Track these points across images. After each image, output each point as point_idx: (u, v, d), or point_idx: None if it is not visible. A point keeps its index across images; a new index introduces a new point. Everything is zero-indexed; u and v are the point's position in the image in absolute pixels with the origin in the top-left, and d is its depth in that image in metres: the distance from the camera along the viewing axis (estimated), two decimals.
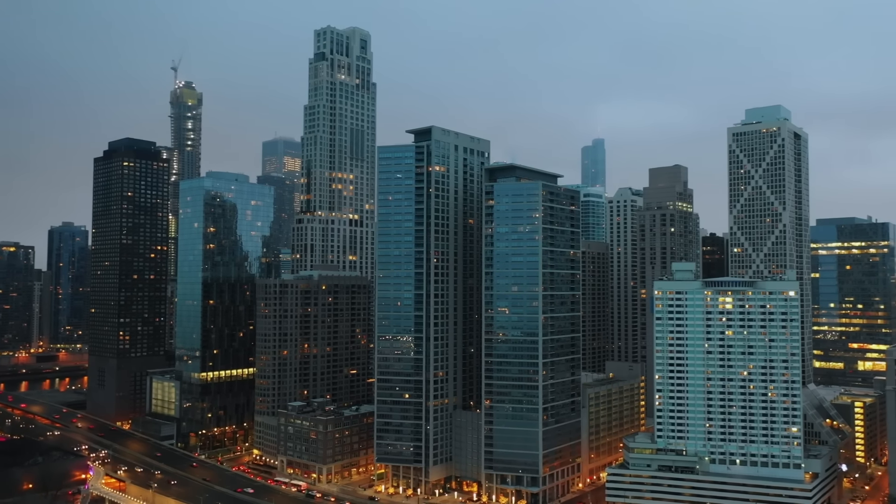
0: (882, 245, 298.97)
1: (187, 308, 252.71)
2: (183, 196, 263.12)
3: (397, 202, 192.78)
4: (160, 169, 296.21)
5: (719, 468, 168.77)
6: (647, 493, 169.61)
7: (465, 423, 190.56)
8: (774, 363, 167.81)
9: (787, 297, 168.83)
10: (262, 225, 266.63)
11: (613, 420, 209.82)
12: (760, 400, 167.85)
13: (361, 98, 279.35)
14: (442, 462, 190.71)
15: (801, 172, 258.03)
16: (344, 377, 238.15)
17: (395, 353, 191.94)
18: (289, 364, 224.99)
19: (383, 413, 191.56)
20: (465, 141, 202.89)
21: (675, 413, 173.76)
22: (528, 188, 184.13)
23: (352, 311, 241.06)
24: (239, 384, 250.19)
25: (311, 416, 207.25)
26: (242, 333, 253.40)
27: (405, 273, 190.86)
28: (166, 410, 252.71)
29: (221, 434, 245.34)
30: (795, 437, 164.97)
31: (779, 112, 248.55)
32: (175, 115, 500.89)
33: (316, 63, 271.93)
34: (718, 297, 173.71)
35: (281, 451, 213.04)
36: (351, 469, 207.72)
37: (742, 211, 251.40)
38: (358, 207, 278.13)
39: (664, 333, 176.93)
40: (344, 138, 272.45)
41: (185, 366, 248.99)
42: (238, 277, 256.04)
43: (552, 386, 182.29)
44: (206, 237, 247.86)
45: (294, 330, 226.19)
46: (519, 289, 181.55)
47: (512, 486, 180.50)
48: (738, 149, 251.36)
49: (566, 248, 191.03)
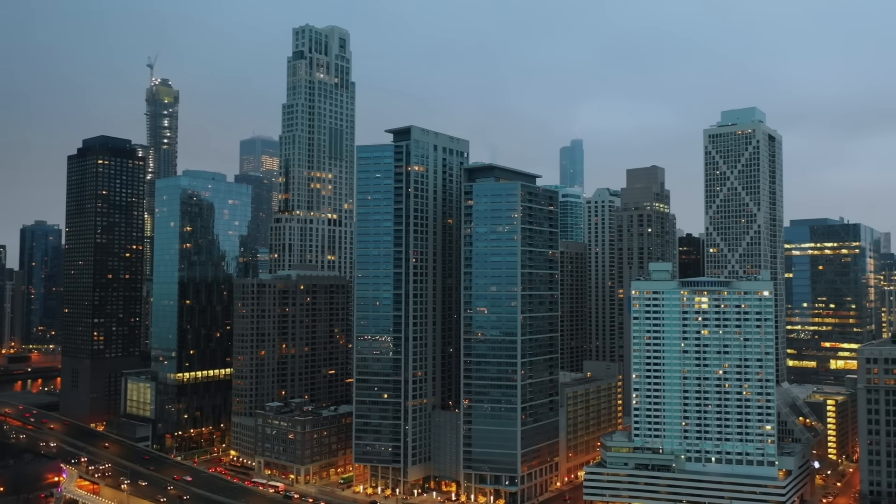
0: (853, 246, 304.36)
1: (163, 308, 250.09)
2: (159, 195, 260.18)
3: (376, 202, 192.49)
4: (135, 167, 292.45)
5: (695, 466, 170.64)
6: (624, 492, 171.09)
7: (444, 423, 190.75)
8: (749, 362, 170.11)
9: (762, 296, 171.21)
10: (240, 224, 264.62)
11: (591, 419, 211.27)
12: (735, 398, 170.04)
13: (340, 97, 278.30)
14: (420, 462, 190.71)
15: (775, 174, 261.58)
16: (322, 377, 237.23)
17: (373, 353, 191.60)
18: (266, 364, 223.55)
19: (362, 413, 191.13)
20: (444, 141, 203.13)
21: (651, 412, 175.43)
22: (506, 188, 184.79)
23: (330, 311, 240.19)
24: (216, 385, 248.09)
25: (288, 417, 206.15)
26: (219, 334, 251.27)
27: (384, 273, 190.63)
28: (141, 412, 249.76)
29: (198, 435, 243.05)
30: (769, 434, 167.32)
31: (753, 114, 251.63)
32: (151, 113, 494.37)
33: (294, 62, 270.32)
34: (694, 296, 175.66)
35: (258, 452, 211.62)
36: (329, 469, 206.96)
37: (718, 212, 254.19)
38: (337, 207, 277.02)
39: (641, 333, 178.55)
40: (323, 137, 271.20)
41: (161, 366, 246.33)
42: (215, 277, 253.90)
43: (531, 385, 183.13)
44: (182, 236, 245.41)
45: (272, 330, 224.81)
46: (498, 289, 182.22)
47: (490, 485, 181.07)
48: (714, 150, 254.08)
49: (545, 248, 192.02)
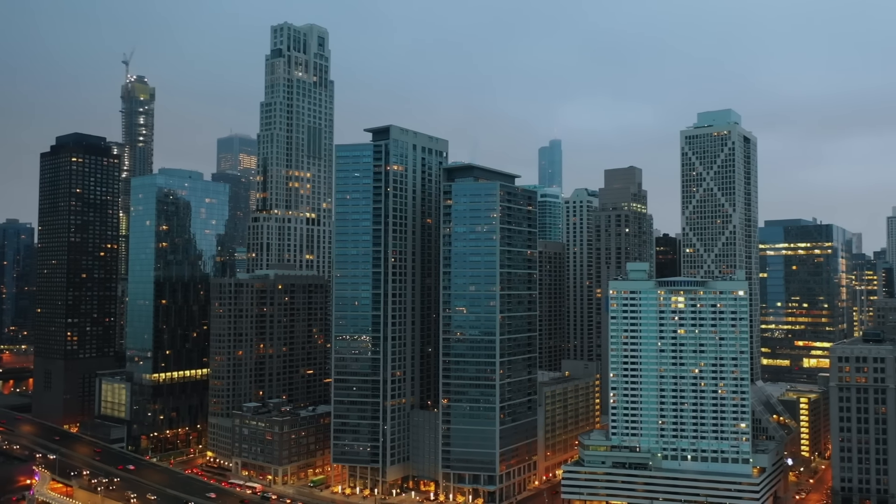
0: (826, 246, 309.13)
1: (139, 308, 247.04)
2: (134, 193, 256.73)
3: (355, 201, 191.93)
4: (110, 165, 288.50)
5: (671, 464, 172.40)
6: (602, 490, 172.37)
7: (423, 423, 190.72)
8: (724, 361, 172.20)
9: (737, 296, 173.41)
10: (217, 223, 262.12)
11: (569, 418, 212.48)
12: (711, 397, 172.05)
13: (319, 96, 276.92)
14: (399, 462, 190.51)
15: (750, 175, 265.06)
16: (300, 377, 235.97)
17: (352, 353, 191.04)
18: (244, 364, 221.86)
19: (340, 413, 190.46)
20: (423, 140, 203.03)
21: (629, 410, 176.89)
22: (485, 188, 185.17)
23: (308, 311, 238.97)
24: (192, 385, 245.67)
25: (266, 417, 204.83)
26: (196, 334, 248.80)
27: (363, 272, 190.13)
28: (116, 413, 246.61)
29: (174, 436, 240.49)
30: (744, 432, 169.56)
31: (729, 116, 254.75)
32: (126, 110, 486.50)
33: (272, 59, 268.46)
34: (671, 296, 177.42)
35: (235, 452, 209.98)
36: (307, 470, 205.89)
37: (694, 212, 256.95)
38: (315, 206, 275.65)
39: (619, 332, 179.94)
40: (301, 136, 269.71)
41: (137, 367, 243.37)
42: (192, 276, 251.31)
43: (509, 385, 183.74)
44: (158, 235, 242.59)
45: (249, 330, 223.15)
46: (476, 288, 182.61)
47: (469, 484, 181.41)
48: (691, 151, 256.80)
49: (523, 247, 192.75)
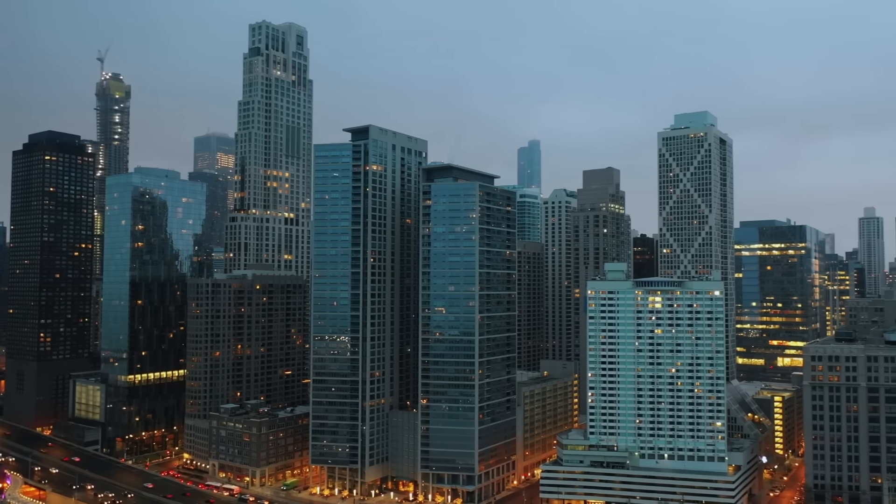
0: (800, 247, 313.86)
1: (114, 308, 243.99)
2: (109, 192, 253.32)
3: (334, 201, 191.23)
4: (85, 164, 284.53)
5: (648, 463, 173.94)
6: (580, 489, 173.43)
7: (402, 423, 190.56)
8: (700, 360, 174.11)
9: (713, 296, 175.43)
10: (194, 223, 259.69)
11: (548, 417, 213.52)
12: (687, 396, 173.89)
13: (298, 95, 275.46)
14: (378, 462, 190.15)
15: (725, 176, 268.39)
16: (278, 378, 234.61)
17: (330, 354, 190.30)
18: (221, 365, 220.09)
19: (319, 414, 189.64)
20: (402, 140, 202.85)
21: (606, 410, 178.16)
22: (465, 189, 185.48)
23: (287, 311, 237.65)
24: (168, 386, 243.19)
25: (244, 419, 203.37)
26: (172, 334, 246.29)
27: (341, 273, 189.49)
28: (91, 415, 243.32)
29: (150, 438, 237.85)
30: (720, 431, 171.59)
31: (705, 118, 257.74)
32: (101, 108, 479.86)
33: (250, 58, 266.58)
34: (648, 296, 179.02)
35: (213, 454, 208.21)
36: (286, 471, 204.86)
37: (671, 213, 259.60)
38: (294, 206, 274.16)
39: (597, 332, 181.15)
40: (279, 135, 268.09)
41: (112, 368, 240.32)
42: (168, 277, 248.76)
43: (488, 385, 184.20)
44: (134, 235, 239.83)
45: (227, 330, 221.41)
46: (456, 288, 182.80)
47: (448, 484, 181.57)
48: (668, 153, 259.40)
49: (502, 248, 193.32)
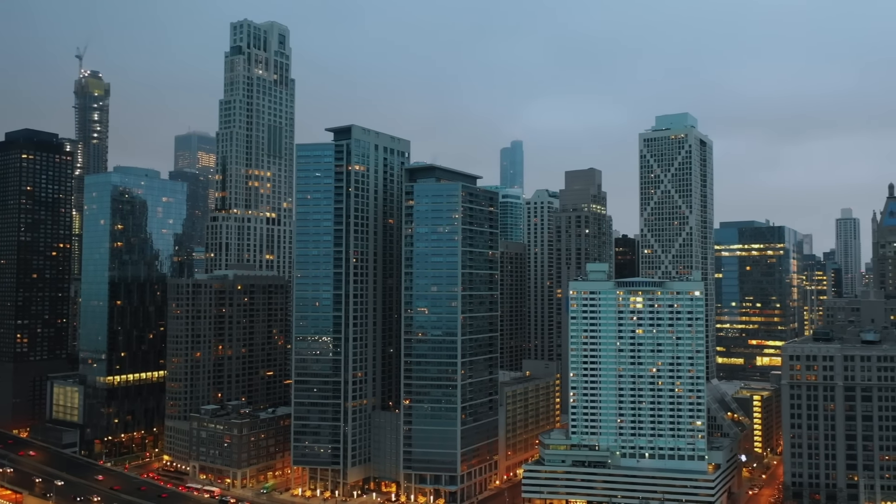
0: (778, 247, 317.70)
1: (92, 309, 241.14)
2: (88, 191, 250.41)
3: (316, 201, 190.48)
4: (63, 162, 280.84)
5: (629, 462, 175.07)
6: (562, 489, 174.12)
7: (384, 424, 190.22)
8: (681, 360, 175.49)
9: (693, 296, 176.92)
10: (174, 222, 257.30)
11: (530, 417, 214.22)
12: (668, 395, 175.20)
13: (279, 94, 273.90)
14: (360, 463, 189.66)
15: (706, 177, 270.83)
16: (260, 379, 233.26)
17: (312, 354, 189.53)
18: (202, 366, 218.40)
19: (300, 415, 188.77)
20: (385, 140, 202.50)
21: (588, 409, 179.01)
22: (447, 189, 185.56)
23: (268, 312, 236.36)
24: (148, 388, 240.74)
25: (225, 420, 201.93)
26: (152, 335, 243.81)
27: (324, 273, 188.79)
28: (69, 417, 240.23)
29: (129, 440, 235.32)
30: (700, 430, 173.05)
31: (686, 119, 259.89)
32: (80, 106, 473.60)
33: (232, 57, 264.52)
34: (630, 296, 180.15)
35: (193, 456, 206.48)
36: (267, 473, 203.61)
37: (652, 214, 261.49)
38: (275, 206, 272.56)
39: (578, 332, 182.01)
40: (261, 135, 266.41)
41: (90, 369, 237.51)
42: (148, 277, 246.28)
43: (470, 385, 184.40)
44: (113, 235, 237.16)
45: (207, 331, 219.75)
46: (438, 289, 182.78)
47: (430, 485, 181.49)
48: (649, 154, 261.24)
49: (485, 248, 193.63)
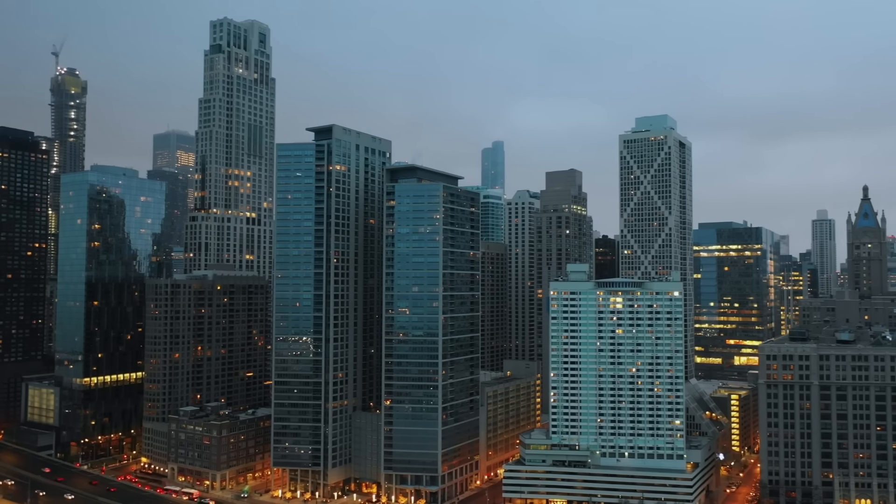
0: (756, 248, 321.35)
1: (69, 309, 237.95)
2: (64, 190, 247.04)
3: (297, 201, 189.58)
4: (38, 161, 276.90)
5: (609, 461, 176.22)
6: (542, 488, 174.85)
7: (365, 425, 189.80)
8: (660, 360, 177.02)
9: (672, 297, 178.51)
10: (153, 222, 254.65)
11: (511, 417, 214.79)
12: (647, 395, 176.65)
13: (260, 93, 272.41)
14: (341, 464, 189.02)
15: (685, 179, 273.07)
16: (240, 380, 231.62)
17: (293, 355, 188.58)
18: (181, 367, 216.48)
19: (281, 416, 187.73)
20: (366, 140, 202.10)
21: (568, 409, 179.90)
22: (429, 189, 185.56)
23: (248, 313, 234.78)
24: (126, 389, 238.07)
25: (204, 421, 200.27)
26: (130, 336, 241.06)
27: (304, 273, 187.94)
28: (44, 419, 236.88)
29: (106, 442, 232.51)
30: (678, 429, 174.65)
31: (665, 121, 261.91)
32: (56, 104, 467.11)
33: (212, 55, 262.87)
34: (610, 297, 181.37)
35: (172, 458, 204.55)
36: (247, 474, 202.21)
37: (632, 215, 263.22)
38: (255, 205, 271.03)
39: (559, 332, 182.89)
40: (241, 134, 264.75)
41: (66, 371, 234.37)
42: (126, 277, 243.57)
43: (452, 385, 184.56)
44: (90, 234, 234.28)
45: (186, 332, 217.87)
46: (419, 289, 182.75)
47: (411, 485, 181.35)
48: (629, 155, 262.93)
49: (466, 248, 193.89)
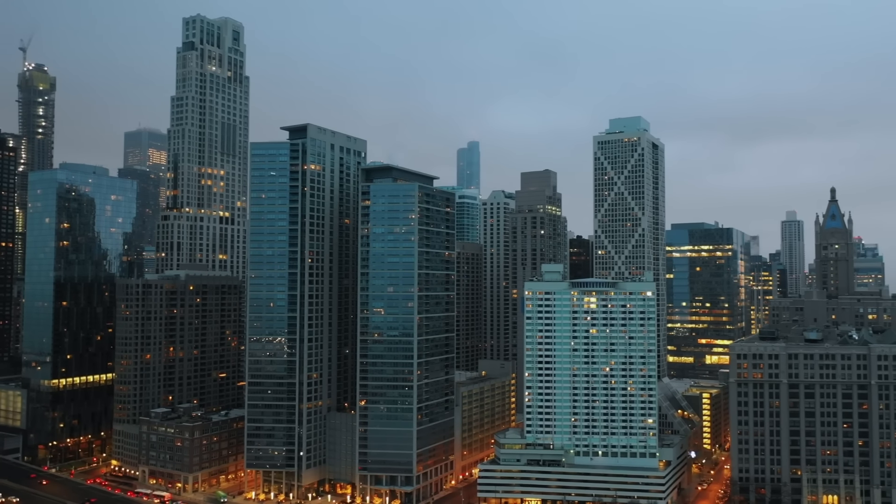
0: (727, 248, 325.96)
1: (37, 310, 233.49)
2: (32, 188, 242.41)
3: (271, 200, 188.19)
4: (6, 158, 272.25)
5: (583, 460, 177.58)
6: (517, 487, 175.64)
7: (340, 425, 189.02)
8: (633, 359, 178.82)
9: (645, 297, 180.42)
10: (124, 221, 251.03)
11: (486, 417, 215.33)
12: (621, 394, 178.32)
13: (233, 91, 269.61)
14: (315, 465, 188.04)
15: (658, 180, 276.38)
16: (213, 381, 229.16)
17: (267, 355, 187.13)
18: (152, 368, 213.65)
19: (254, 417, 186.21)
20: (341, 140, 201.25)
21: (543, 408, 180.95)
22: (404, 189, 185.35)
23: (221, 313, 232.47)
24: (95, 391, 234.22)
25: (175, 423, 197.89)
26: (100, 337, 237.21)
27: (278, 273, 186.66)
28: (11, 421, 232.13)
29: (75, 445, 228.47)
30: (651, 427, 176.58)
31: (639, 123, 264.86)
32: (23, 100, 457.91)
33: (184, 52, 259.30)
34: (584, 297, 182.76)
35: (143, 460, 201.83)
36: (220, 476, 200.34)
37: (606, 215, 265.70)
38: (229, 205, 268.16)
39: (534, 332, 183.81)
40: (214, 132, 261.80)
41: (34, 372, 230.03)
42: (96, 277, 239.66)
43: (427, 385, 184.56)
44: (59, 233, 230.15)
45: (158, 332, 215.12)
46: (395, 289, 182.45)
47: (386, 486, 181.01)
48: (603, 156, 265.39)
49: (441, 248, 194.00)
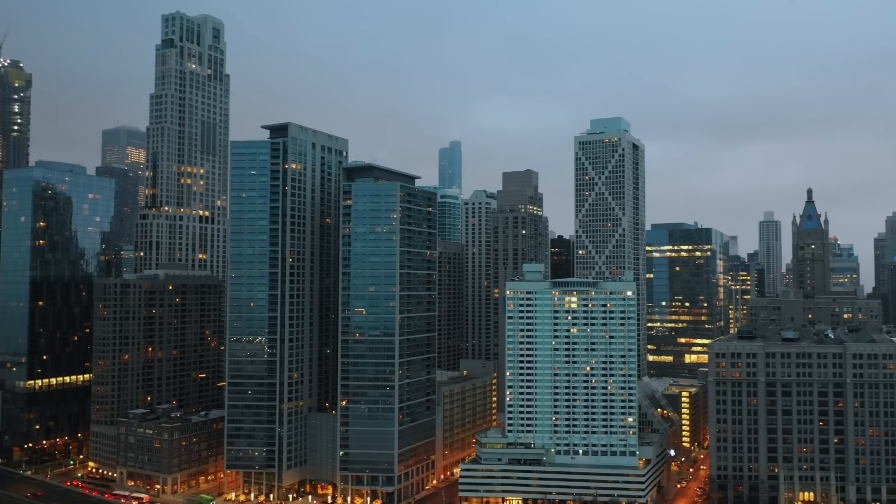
0: (706, 248, 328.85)
1: (12, 310, 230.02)
2: (7, 187, 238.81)
3: (251, 199, 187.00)
4: None
5: (564, 459, 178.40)
6: (498, 487, 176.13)
7: (321, 426, 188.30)
8: (614, 358, 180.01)
9: (626, 296, 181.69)
10: (102, 220, 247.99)
11: (467, 416, 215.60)
12: (601, 393, 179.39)
13: (213, 89, 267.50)
14: (296, 466, 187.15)
15: (638, 180, 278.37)
16: (192, 382, 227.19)
17: (247, 356, 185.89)
18: (130, 369, 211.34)
19: (234, 418, 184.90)
20: (323, 139, 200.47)
21: (524, 408, 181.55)
22: (385, 189, 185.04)
23: (201, 313, 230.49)
24: (72, 392, 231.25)
25: (154, 424, 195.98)
26: (77, 337, 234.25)
27: (259, 273, 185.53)
28: None
29: (52, 447, 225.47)
30: (631, 426, 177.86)
31: (619, 124, 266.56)
32: None
33: (163, 50, 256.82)
34: (565, 296, 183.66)
35: (121, 462, 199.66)
36: (199, 477, 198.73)
37: (587, 215, 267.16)
38: (209, 204, 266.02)
39: (515, 331, 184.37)
40: (194, 130, 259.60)
41: (9, 373, 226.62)
42: (73, 276, 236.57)
43: (408, 385, 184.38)
44: (34, 233, 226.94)
45: (136, 333, 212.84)
46: (376, 289, 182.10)
47: (367, 486, 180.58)
48: (584, 157, 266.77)
49: (423, 248, 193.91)
